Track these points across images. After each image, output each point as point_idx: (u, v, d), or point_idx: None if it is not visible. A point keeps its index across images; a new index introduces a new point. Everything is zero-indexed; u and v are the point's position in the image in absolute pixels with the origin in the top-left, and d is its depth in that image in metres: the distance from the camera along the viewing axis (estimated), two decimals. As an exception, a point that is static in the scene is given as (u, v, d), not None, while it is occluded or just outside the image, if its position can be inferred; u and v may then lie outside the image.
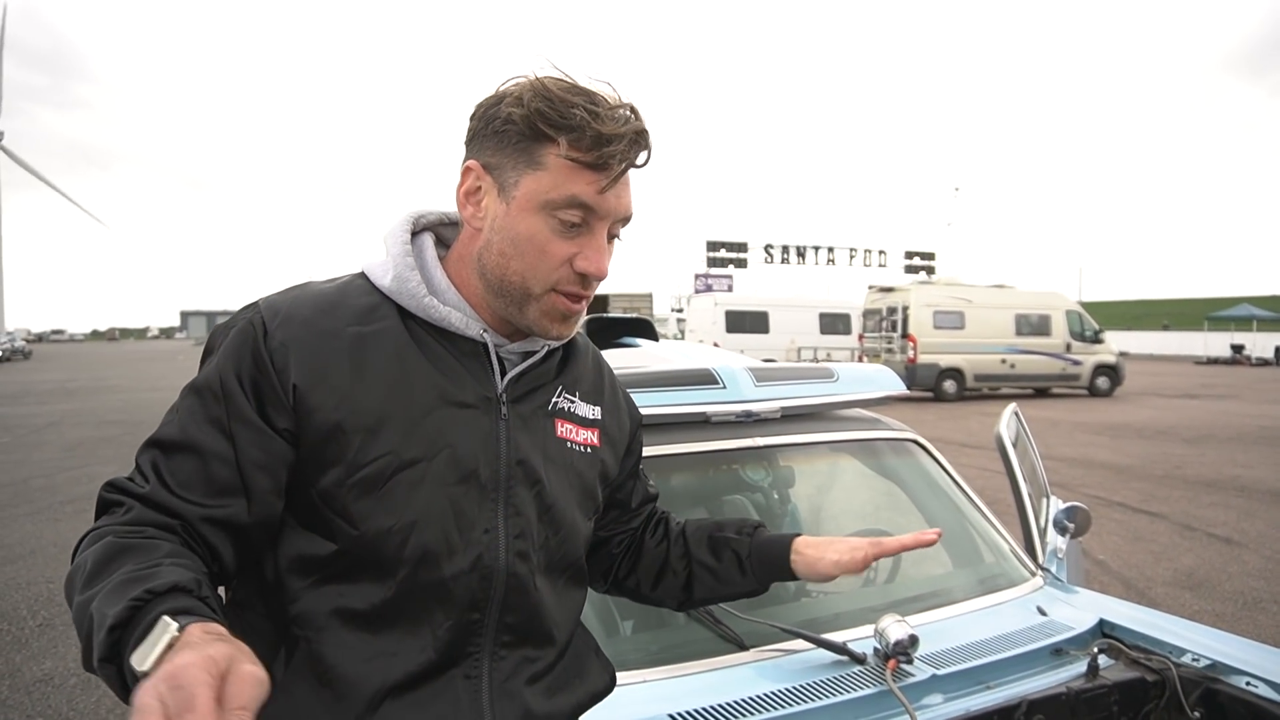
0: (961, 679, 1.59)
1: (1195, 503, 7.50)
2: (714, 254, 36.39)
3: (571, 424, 1.11)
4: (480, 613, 0.99)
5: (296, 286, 1.04)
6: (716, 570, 1.25)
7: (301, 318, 0.96)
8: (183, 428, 0.93)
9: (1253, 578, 5.28)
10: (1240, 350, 34.96)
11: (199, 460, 0.91)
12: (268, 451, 0.93)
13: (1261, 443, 11.36)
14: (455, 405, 0.99)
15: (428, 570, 0.95)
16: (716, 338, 21.36)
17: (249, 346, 0.94)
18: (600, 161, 0.94)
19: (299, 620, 0.94)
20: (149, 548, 0.84)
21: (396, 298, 1.01)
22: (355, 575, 0.94)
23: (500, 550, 0.99)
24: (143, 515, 0.89)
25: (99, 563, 0.82)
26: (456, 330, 1.01)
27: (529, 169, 0.96)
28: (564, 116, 0.93)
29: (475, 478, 0.99)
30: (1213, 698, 1.65)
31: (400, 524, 0.94)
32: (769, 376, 2.13)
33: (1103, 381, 19.19)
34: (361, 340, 0.97)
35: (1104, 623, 1.86)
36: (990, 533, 2.22)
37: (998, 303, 19.06)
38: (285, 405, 0.93)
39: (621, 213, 1.00)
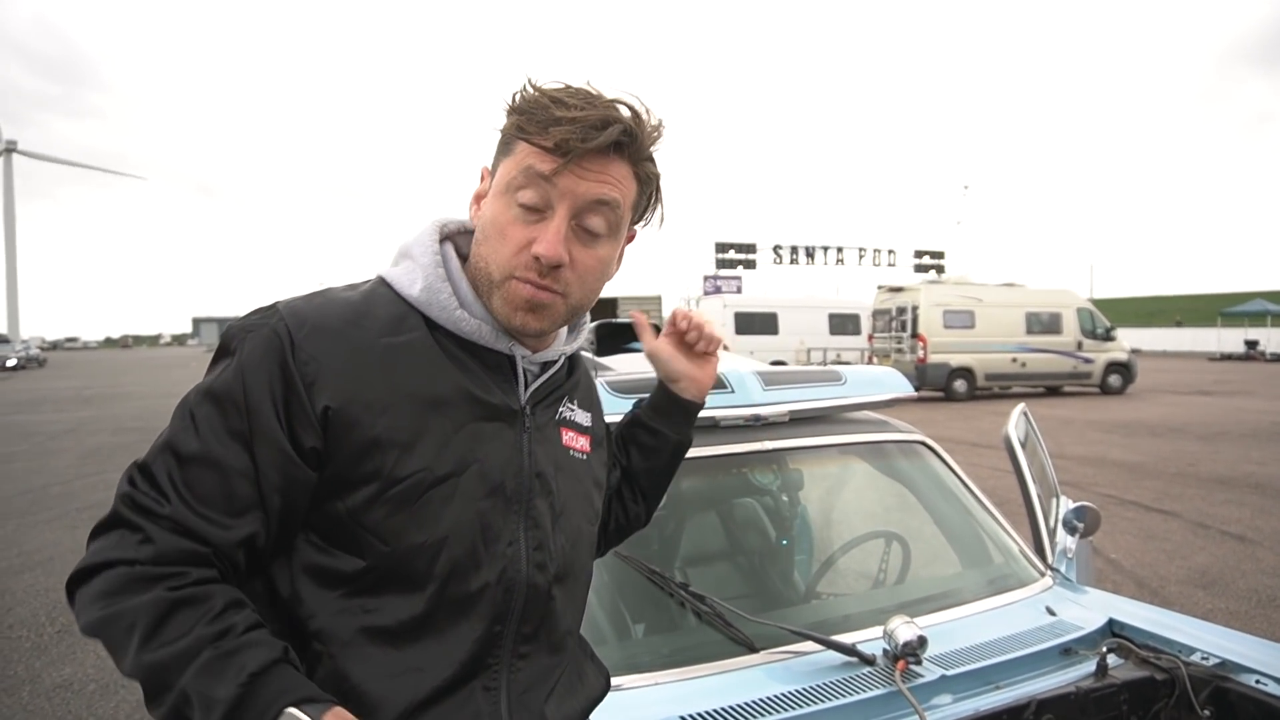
0: (970, 679, 1.60)
1: (1209, 500, 7.46)
2: (723, 255, 36.39)
3: (573, 432, 1.13)
4: (502, 624, 0.99)
5: (318, 293, 1.01)
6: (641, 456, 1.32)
7: (331, 329, 0.94)
8: (202, 439, 0.90)
9: (1267, 575, 5.25)
10: (1254, 346, 34.70)
11: (220, 476, 0.89)
12: (288, 476, 0.91)
13: (1276, 439, 11.28)
14: (484, 419, 1.00)
15: (457, 584, 0.95)
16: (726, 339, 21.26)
17: (276, 358, 0.91)
18: (554, 142, 0.94)
19: (320, 636, 0.92)
20: (202, 598, 0.84)
21: (425, 309, 1.00)
22: (382, 590, 0.94)
23: (523, 562, 1.01)
24: (172, 546, 0.87)
25: (155, 620, 0.82)
26: (485, 343, 1.02)
27: (505, 158, 1.00)
28: (529, 104, 0.96)
29: (501, 491, 1.00)
30: (1223, 696, 1.66)
31: (432, 539, 0.94)
32: (777, 380, 2.15)
33: (1115, 379, 19.08)
34: (393, 352, 0.96)
35: (1113, 622, 1.87)
36: (999, 533, 2.23)
37: (1008, 301, 18.98)
38: (314, 423, 0.91)
39: (583, 195, 0.97)
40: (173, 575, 0.85)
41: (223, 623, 0.83)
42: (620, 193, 0.99)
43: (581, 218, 0.98)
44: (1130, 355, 19.65)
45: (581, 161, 0.95)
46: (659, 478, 1.36)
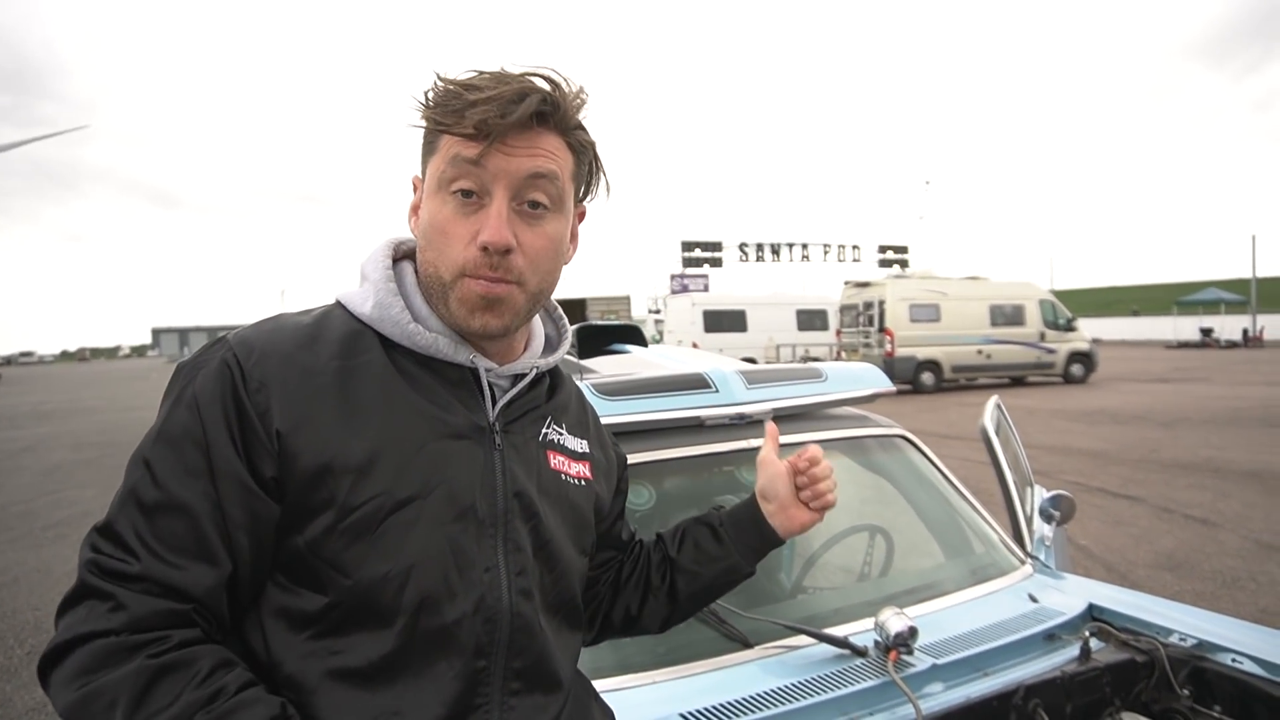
0: (960, 667, 1.63)
1: (1172, 485, 7.64)
2: (689, 254, 36.49)
3: (564, 456, 1.08)
4: (487, 659, 0.93)
5: (269, 320, 0.97)
6: (696, 554, 1.23)
7: (280, 354, 0.90)
8: (161, 484, 0.85)
9: (1230, 557, 5.39)
10: (1209, 333, 35.59)
11: (188, 520, 0.85)
12: (251, 512, 0.87)
13: (1233, 424, 11.58)
14: (448, 437, 0.95)
15: (429, 617, 0.89)
16: (695, 338, 21.43)
17: (228, 390, 0.87)
18: (473, 124, 0.90)
19: (289, 684, 0.87)
20: (187, 662, 0.80)
21: (379, 326, 0.96)
22: (349, 629, 0.88)
23: (503, 589, 0.94)
24: (147, 610, 0.82)
25: (138, 691, 0.78)
26: (444, 357, 0.97)
27: (430, 157, 0.96)
28: (441, 96, 0.92)
29: (473, 513, 0.94)
30: (1200, 675, 1.71)
31: (397, 569, 0.88)
32: (760, 379, 2.17)
33: (1077, 369, 19.47)
34: (346, 374, 0.92)
35: (1093, 607, 1.91)
36: (979, 523, 2.28)
37: (972, 294, 19.28)
38: (271, 452, 0.87)
39: (518, 172, 0.93)
40: (153, 641, 0.80)
41: (212, 685, 0.80)
42: (556, 164, 0.95)
43: (521, 196, 0.94)
44: (1091, 345, 20.05)
45: (506, 139, 0.91)
46: (699, 592, 1.25)
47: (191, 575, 0.84)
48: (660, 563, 1.25)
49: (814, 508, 1.23)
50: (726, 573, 1.24)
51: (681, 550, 1.24)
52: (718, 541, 1.23)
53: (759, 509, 1.23)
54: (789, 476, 1.22)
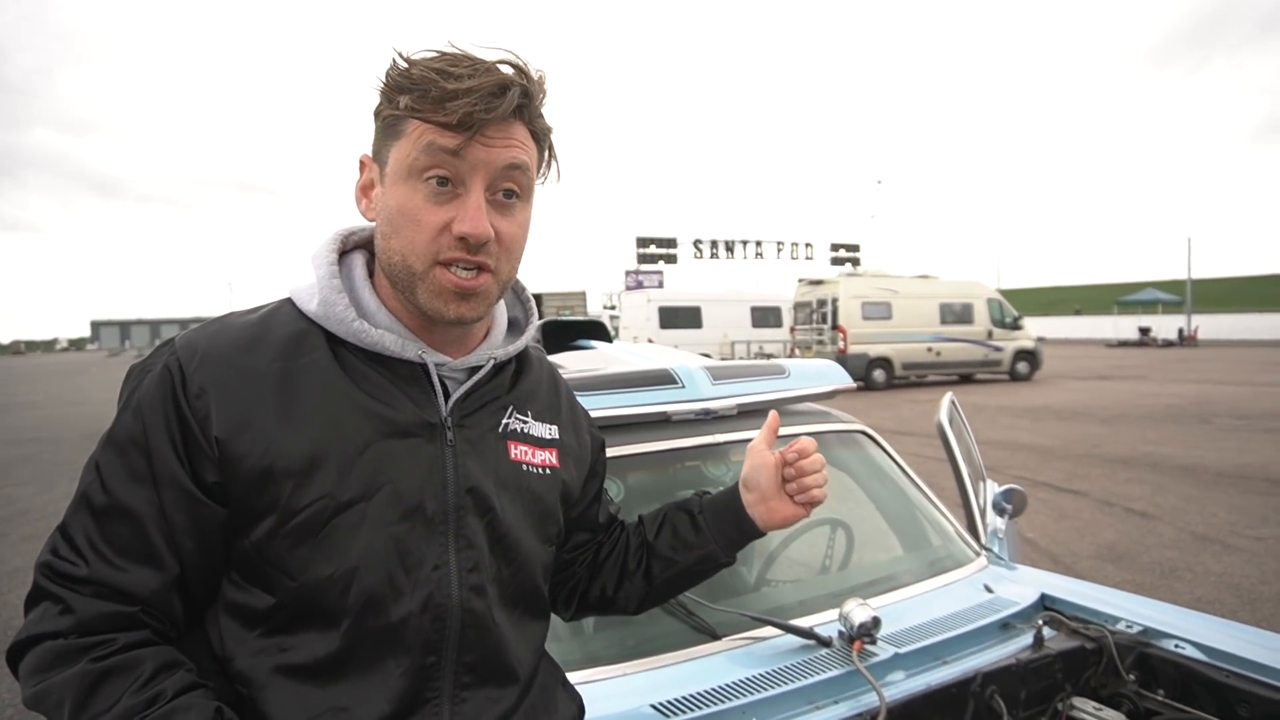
0: (921, 656, 1.68)
1: (1113, 480, 7.90)
2: (644, 250, 36.58)
3: (527, 445, 1.06)
4: (436, 655, 0.93)
5: (215, 321, 0.97)
6: (673, 540, 1.22)
7: (220, 357, 0.90)
8: (109, 488, 0.88)
9: (1168, 548, 5.60)
10: (1147, 332, 36.76)
11: (133, 525, 0.87)
12: (194, 516, 0.88)
13: (1170, 420, 12.00)
14: (394, 436, 0.94)
15: (374, 616, 0.90)
16: (650, 334, 21.48)
17: (168, 396, 0.88)
18: (452, 116, 0.89)
19: (241, 678, 0.89)
20: (130, 665, 0.83)
21: (324, 323, 0.96)
22: (297, 628, 0.89)
23: (453, 586, 0.94)
24: (94, 612, 0.85)
25: (81, 693, 0.81)
26: (392, 353, 0.96)
27: (395, 142, 0.93)
28: (412, 80, 0.90)
29: (420, 512, 0.94)
30: (1146, 661, 1.79)
31: (341, 570, 0.89)
32: (725, 375, 2.20)
33: (1023, 366, 19.97)
34: (288, 376, 0.92)
35: (1045, 596, 1.98)
36: (937, 517, 2.34)
37: (923, 293, 19.65)
38: (212, 458, 0.88)
39: (495, 164, 0.93)
40: (98, 645, 0.83)
41: (152, 689, 0.82)
42: (527, 155, 0.96)
43: (496, 186, 0.94)
44: (1036, 343, 20.59)
45: (485, 131, 0.91)
46: (674, 579, 1.24)
47: (137, 578, 0.86)
48: (638, 547, 1.25)
49: (799, 502, 1.21)
50: (702, 561, 1.23)
51: (659, 536, 1.24)
52: (695, 530, 1.22)
53: (740, 499, 1.22)
54: (776, 468, 1.20)
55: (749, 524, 1.22)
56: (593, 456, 1.22)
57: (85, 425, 15.19)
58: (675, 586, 1.27)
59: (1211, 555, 5.42)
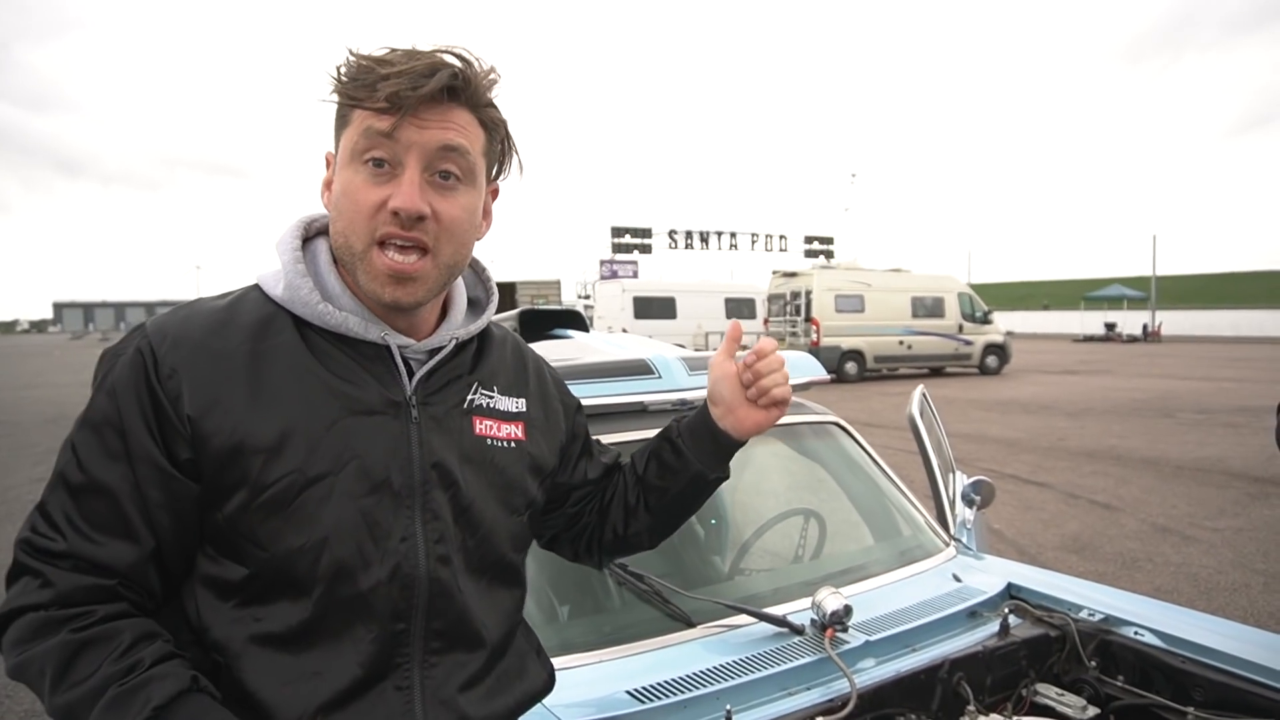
0: (890, 643, 1.72)
1: (1078, 472, 8.05)
2: (619, 240, 36.55)
3: (491, 419, 1.09)
4: (405, 622, 0.97)
5: (186, 305, 1.01)
6: (660, 470, 1.22)
7: (192, 340, 0.94)
8: (85, 466, 0.91)
9: (1130, 539, 5.73)
10: (1113, 328, 37.38)
11: (108, 501, 0.90)
12: (168, 491, 0.92)
13: (1134, 414, 12.24)
14: (361, 413, 0.97)
15: (344, 585, 0.94)
16: (625, 324, 21.49)
17: (140, 377, 0.92)
18: (385, 98, 0.92)
19: (217, 647, 0.93)
20: (109, 636, 0.86)
21: (290, 307, 0.99)
22: (270, 598, 0.93)
23: (420, 557, 0.98)
24: (72, 585, 0.88)
25: (62, 663, 0.84)
26: (355, 335, 0.99)
27: (342, 130, 0.98)
28: (353, 72, 0.95)
29: (387, 486, 0.97)
30: (1107, 648, 1.84)
31: (311, 542, 0.92)
32: (701, 365, 2.21)
33: (992, 360, 20.22)
34: (256, 357, 0.95)
35: (1011, 585, 2.03)
36: (907, 507, 2.38)
37: (895, 286, 19.82)
38: (184, 435, 0.91)
39: (429, 144, 0.95)
40: (77, 616, 0.87)
41: (130, 658, 0.85)
42: (467, 139, 0.97)
43: (433, 167, 0.96)
44: (1006, 338, 20.86)
45: (418, 111, 0.93)
46: (672, 504, 1.25)
47: (113, 551, 0.90)
48: (634, 484, 1.26)
49: (762, 405, 1.18)
50: (692, 483, 1.22)
51: (647, 469, 1.24)
52: (677, 454, 1.22)
53: (710, 414, 1.21)
54: (736, 377, 1.18)
55: (724, 437, 1.20)
56: (568, 421, 1.24)
57: (47, 409, 14.92)
58: (677, 512, 1.27)
59: (1171, 546, 5.55)
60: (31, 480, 8.39)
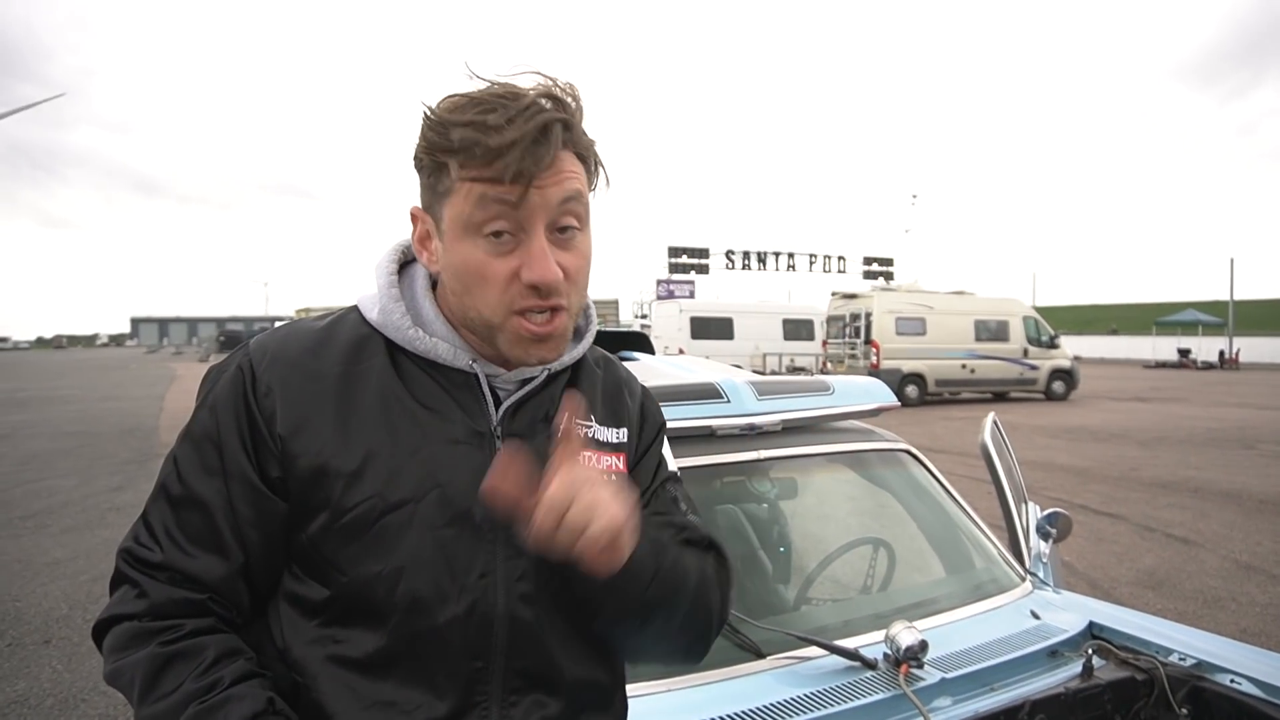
0: (968, 682, 1.66)
1: (1152, 504, 7.74)
2: (675, 260, 36.60)
3: (589, 451, 1.03)
4: (484, 660, 0.94)
5: (287, 325, 1.03)
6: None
7: (288, 359, 0.96)
8: (184, 479, 0.94)
9: (1211, 577, 5.47)
10: (1186, 354, 36.03)
11: (204, 515, 0.92)
12: (259, 509, 0.93)
13: (1210, 445, 11.74)
14: (445, 442, 0.96)
15: (420, 618, 0.92)
16: (682, 344, 21.47)
17: (239, 394, 0.94)
18: (502, 174, 0.88)
19: (297, 666, 0.93)
20: (194, 651, 0.88)
21: (384, 331, 0.99)
22: (349, 621, 0.93)
23: (499, 595, 0.95)
24: (165, 597, 0.90)
25: (149, 675, 0.86)
26: (444, 361, 0.98)
27: (445, 199, 0.93)
28: (450, 139, 0.89)
29: (468, 518, 0.94)
30: (1199, 695, 1.74)
31: (388, 569, 0.91)
32: (770, 390, 2.19)
33: (1059, 385, 19.67)
34: (347, 380, 0.96)
35: (1093, 624, 1.95)
36: (981, 539, 2.30)
37: (957, 309, 19.44)
38: (275, 454, 0.93)
39: (551, 204, 0.91)
40: (167, 629, 0.89)
41: (211, 676, 0.86)
42: (579, 182, 0.95)
43: (555, 224, 0.93)
44: (1073, 363, 20.28)
45: (537, 177, 0.89)
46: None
47: (205, 565, 0.92)
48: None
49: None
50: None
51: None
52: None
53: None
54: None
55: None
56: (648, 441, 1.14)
57: (124, 420, 15.51)
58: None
59: (1256, 585, 5.29)
60: (110, 489, 8.71)
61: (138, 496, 8.33)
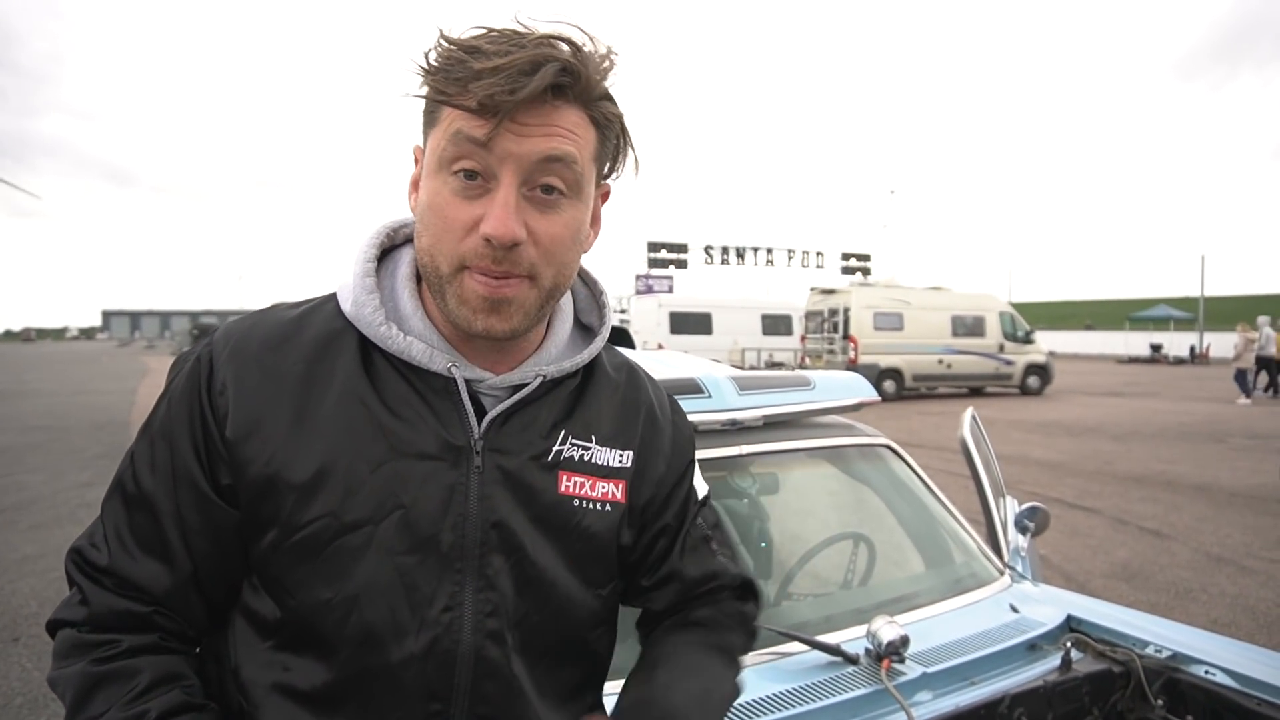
0: (949, 676, 1.66)
1: (1126, 498, 7.84)
2: (654, 254, 36.57)
3: (583, 476, 0.93)
4: (443, 703, 0.85)
5: (261, 310, 0.93)
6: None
7: (248, 353, 0.86)
8: (138, 478, 0.86)
9: (1182, 569, 5.55)
10: (1159, 350, 36.52)
11: (153, 518, 0.85)
12: (206, 517, 0.85)
13: (1183, 439, 11.91)
14: (412, 457, 0.85)
15: (372, 653, 0.83)
16: (660, 339, 21.48)
17: (194, 390, 0.86)
18: (478, 100, 0.77)
19: (244, 690, 0.85)
20: (126, 674, 0.82)
21: (357, 325, 0.88)
22: (299, 649, 0.84)
23: (465, 632, 0.85)
24: (106, 608, 0.84)
25: (79, 695, 0.81)
26: (419, 363, 0.87)
27: (431, 129, 0.84)
28: (444, 61, 0.79)
29: (434, 544, 0.84)
30: (1174, 686, 1.76)
31: (340, 597, 0.82)
32: (751, 385, 2.18)
33: (1034, 380, 19.85)
34: (308, 380, 0.86)
35: (1071, 618, 1.96)
36: (960, 533, 2.31)
37: (935, 304, 19.56)
38: (224, 459, 0.84)
39: (528, 156, 0.80)
40: (103, 644, 0.83)
41: (139, 706, 0.80)
42: (575, 144, 0.82)
43: (532, 181, 0.82)
44: (1048, 358, 20.47)
45: (517, 116, 0.78)
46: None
47: (149, 572, 0.85)
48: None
49: None
50: None
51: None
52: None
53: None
54: None
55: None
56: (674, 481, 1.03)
57: (94, 415, 15.26)
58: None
59: (1226, 577, 5.37)
60: (79, 485, 8.57)
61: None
